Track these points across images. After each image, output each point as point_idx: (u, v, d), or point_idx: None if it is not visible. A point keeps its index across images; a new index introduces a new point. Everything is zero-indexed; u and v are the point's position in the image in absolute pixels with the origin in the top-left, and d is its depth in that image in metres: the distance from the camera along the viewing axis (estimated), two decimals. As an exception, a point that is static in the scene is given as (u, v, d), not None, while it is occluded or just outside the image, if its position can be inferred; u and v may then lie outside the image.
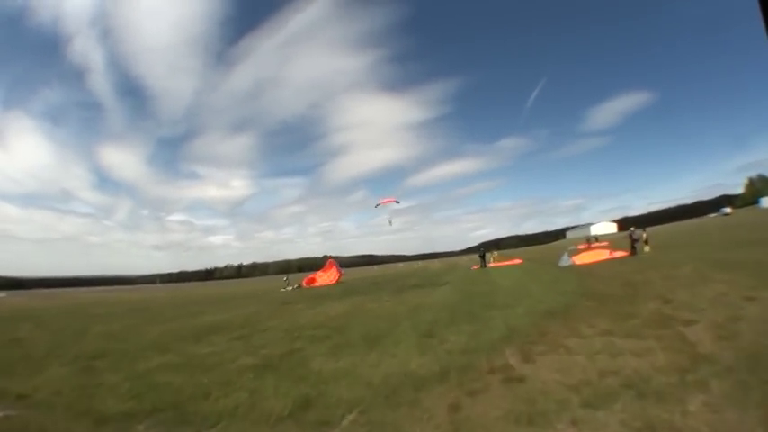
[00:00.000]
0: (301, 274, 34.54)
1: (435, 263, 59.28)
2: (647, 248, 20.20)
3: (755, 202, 68.61)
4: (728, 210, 74.87)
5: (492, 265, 28.33)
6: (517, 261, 29.68)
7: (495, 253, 32.11)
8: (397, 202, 37.50)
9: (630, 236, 20.62)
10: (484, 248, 32.01)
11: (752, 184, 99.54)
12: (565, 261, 20.79)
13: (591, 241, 39.96)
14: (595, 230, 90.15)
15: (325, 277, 32.13)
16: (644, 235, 21.18)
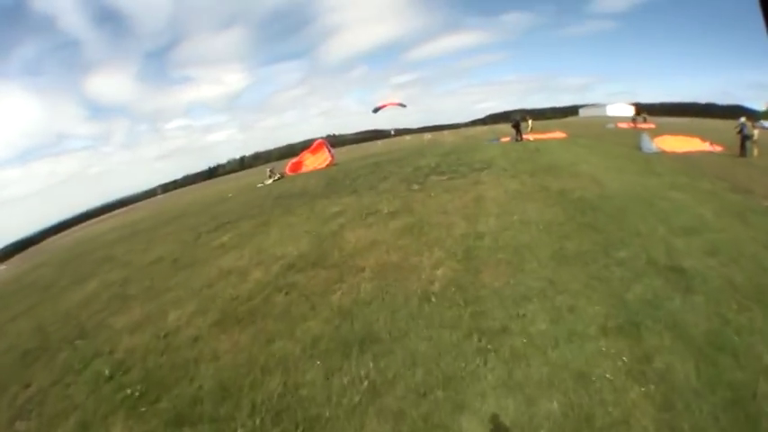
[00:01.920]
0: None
1: (446, 134, 52.45)
2: (755, 152, 15.12)
3: None
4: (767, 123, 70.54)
5: (529, 137, 22.79)
6: (560, 134, 24.04)
7: (531, 122, 26.23)
8: (403, 106, 27.76)
9: (741, 130, 15.18)
10: (520, 116, 25.44)
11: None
12: (648, 145, 15.94)
13: (637, 121, 34.27)
14: (611, 111, 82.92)
15: (313, 160, 26.90)
16: (756, 132, 15.72)
